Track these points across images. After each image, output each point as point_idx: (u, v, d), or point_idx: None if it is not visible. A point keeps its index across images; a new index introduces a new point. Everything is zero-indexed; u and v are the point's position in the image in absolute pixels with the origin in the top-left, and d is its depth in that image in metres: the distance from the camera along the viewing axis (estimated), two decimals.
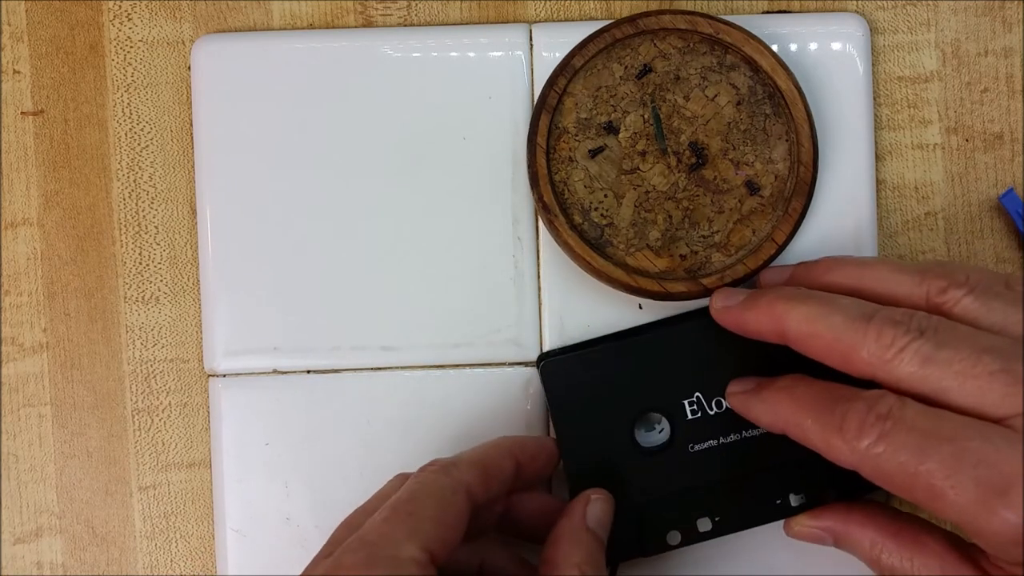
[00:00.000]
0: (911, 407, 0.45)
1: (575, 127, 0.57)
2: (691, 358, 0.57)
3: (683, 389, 0.57)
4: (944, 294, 0.48)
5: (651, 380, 0.57)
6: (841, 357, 0.48)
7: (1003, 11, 0.61)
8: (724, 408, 0.56)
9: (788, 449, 0.53)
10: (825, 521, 0.55)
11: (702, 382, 0.56)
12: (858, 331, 0.47)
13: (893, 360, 0.46)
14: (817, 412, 0.49)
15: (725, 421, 0.56)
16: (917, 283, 0.49)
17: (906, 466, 0.44)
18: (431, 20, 0.61)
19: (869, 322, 0.47)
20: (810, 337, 0.49)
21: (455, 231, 0.60)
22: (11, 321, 0.61)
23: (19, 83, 0.61)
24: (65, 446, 0.62)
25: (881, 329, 0.47)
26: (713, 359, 0.57)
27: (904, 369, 0.46)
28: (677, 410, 0.57)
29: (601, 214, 0.57)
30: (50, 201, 0.61)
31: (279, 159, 0.60)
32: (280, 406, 0.60)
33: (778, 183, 0.57)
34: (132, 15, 0.61)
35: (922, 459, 0.44)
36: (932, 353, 0.45)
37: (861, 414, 0.46)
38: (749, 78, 0.57)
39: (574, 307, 0.60)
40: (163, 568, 0.62)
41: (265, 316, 0.60)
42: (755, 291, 0.53)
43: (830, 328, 0.48)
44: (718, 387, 0.56)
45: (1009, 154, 0.61)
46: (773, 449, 0.56)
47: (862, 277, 0.51)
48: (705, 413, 0.56)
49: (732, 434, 0.56)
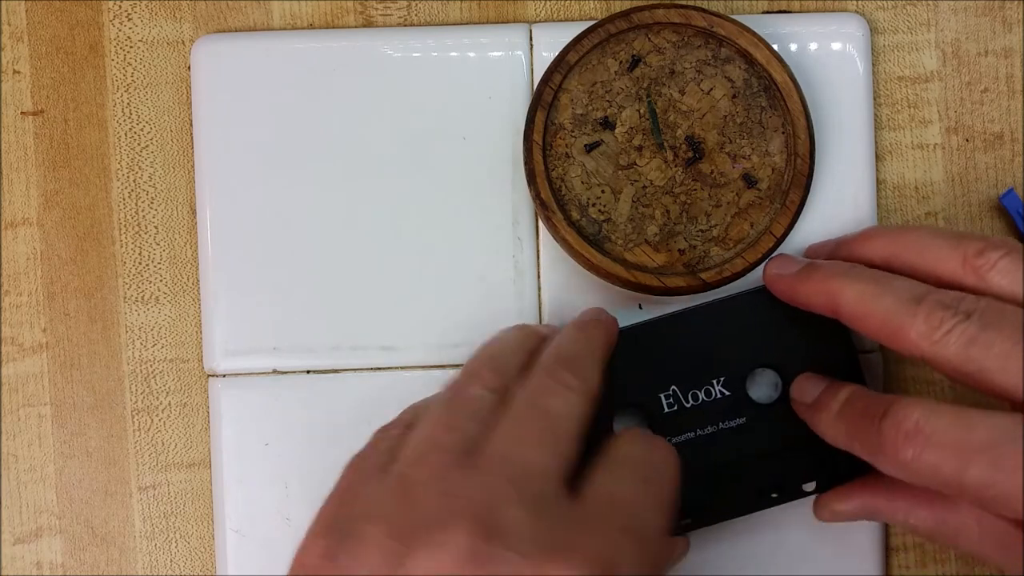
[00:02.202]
0: (940, 417, 0.46)
1: (571, 123, 0.57)
2: (665, 352, 0.56)
3: (659, 383, 0.56)
4: (981, 256, 0.49)
5: (626, 375, 0.56)
6: (891, 336, 0.49)
7: (1003, 11, 0.61)
8: (700, 401, 0.56)
9: (767, 439, 0.56)
10: (854, 501, 0.56)
11: (678, 375, 0.56)
12: (908, 312, 0.48)
13: (940, 341, 0.47)
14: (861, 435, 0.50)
15: (702, 413, 0.56)
16: (954, 246, 0.50)
17: (948, 480, 0.45)
18: (431, 20, 0.62)
19: (919, 304, 0.48)
20: (863, 316, 0.50)
21: (455, 231, 0.60)
22: (11, 321, 0.62)
23: (19, 83, 0.62)
24: (65, 446, 0.62)
25: (930, 312, 0.47)
26: (687, 353, 0.57)
27: (950, 350, 0.47)
28: (654, 404, 0.56)
29: (599, 210, 0.57)
30: (50, 201, 0.62)
31: (279, 159, 0.60)
32: (280, 406, 0.60)
33: (775, 176, 0.57)
34: (132, 15, 0.62)
35: (961, 473, 0.45)
36: (976, 334, 0.46)
37: (892, 430, 0.47)
38: (744, 71, 0.57)
39: (574, 307, 0.60)
40: (163, 568, 0.61)
41: (265, 316, 0.60)
42: (811, 263, 0.54)
43: (882, 308, 0.49)
44: (693, 380, 0.56)
45: (1009, 154, 0.61)
46: (751, 439, 0.56)
47: (902, 244, 0.52)
48: (682, 406, 0.56)
49: (709, 426, 0.56)
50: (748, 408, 0.56)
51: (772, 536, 0.59)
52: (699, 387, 0.56)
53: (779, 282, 0.55)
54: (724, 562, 0.60)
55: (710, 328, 0.56)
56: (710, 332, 0.56)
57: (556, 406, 0.48)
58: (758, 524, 0.59)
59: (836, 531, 0.59)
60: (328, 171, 0.60)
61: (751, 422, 0.56)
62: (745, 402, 0.56)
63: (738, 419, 0.56)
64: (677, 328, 0.57)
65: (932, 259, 0.50)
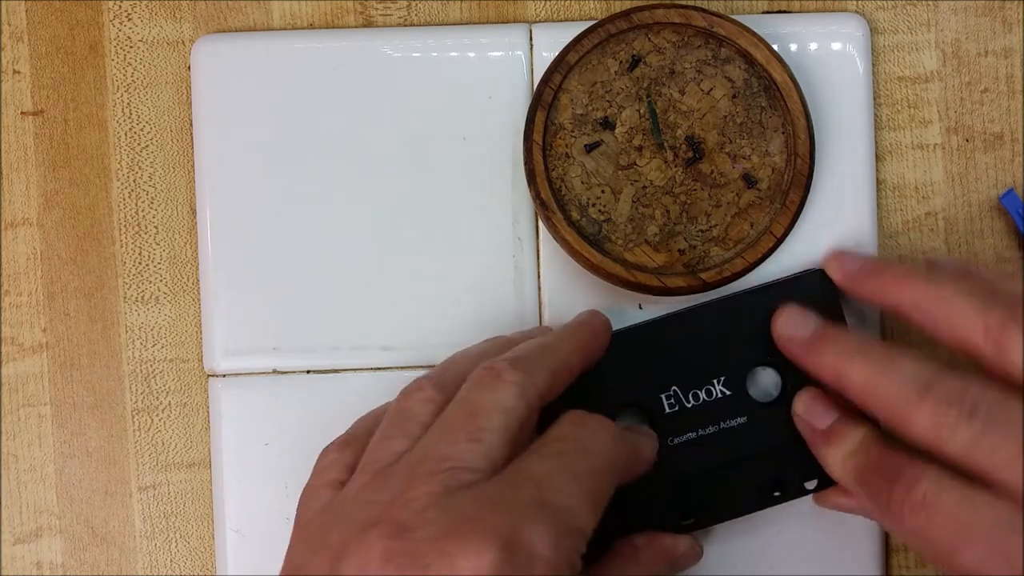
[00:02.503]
0: (948, 493, 0.47)
1: (571, 123, 0.57)
2: (665, 352, 0.57)
3: (660, 383, 0.56)
4: (1004, 331, 0.48)
5: (627, 376, 0.56)
6: (896, 424, 0.49)
7: (1003, 11, 0.61)
8: (701, 400, 0.56)
9: (768, 437, 0.56)
10: (854, 501, 0.56)
11: (678, 375, 0.56)
12: (913, 404, 0.48)
13: (945, 439, 0.47)
14: (869, 489, 0.51)
15: (703, 413, 0.56)
16: (980, 312, 0.49)
17: (941, 554, 0.47)
18: (431, 20, 0.62)
19: (924, 396, 0.48)
20: (869, 400, 0.51)
21: (455, 231, 0.60)
22: (11, 321, 0.62)
23: (19, 83, 0.62)
24: (65, 446, 0.62)
25: (935, 406, 0.47)
26: (687, 353, 0.57)
27: (953, 448, 0.47)
28: (655, 404, 0.56)
29: (599, 210, 0.57)
30: (50, 201, 0.62)
31: (279, 159, 0.60)
32: (280, 406, 0.60)
33: (775, 176, 0.57)
34: (132, 15, 0.62)
35: (957, 550, 0.46)
36: (980, 437, 0.46)
37: (900, 497, 0.48)
38: (744, 71, 0.57)
39: (574, 307, 0.59)
40: (163, 568, 0.61)
41: (265, 316, 0.60)
42: (821, 330, 0.54)
43: (888, 395, 0.49)
44: (694, 379, 0.56)
45: (1009, 154, 0.61)
46: (753, 438, 0.57)
47: (931, 297, 0.51)
48: (683, 406, 0.56)
49: (711, 426, 0.56)
50: (749, 407, 0.56)
51: (773, 536, 0.59)
52: (700, 387, 0.56)
53: (790, 348, 0.55)
54: (725, 562, 0.60)
55: (710, 328, 0.57)
56: (710, 332, 0.56)
57: (482, 398, 0.48)
58: (759, 523, 0.59)
59: (836, 531, 0.59)
60: (328, 171, 0.60)
61: (752, 421, 0.56)
62: (746, 401, 0.56)
63: (739, 418, 0.56)
64: (677, 328, 0.57)
65: (956, 321, 0.50)
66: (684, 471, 0.57)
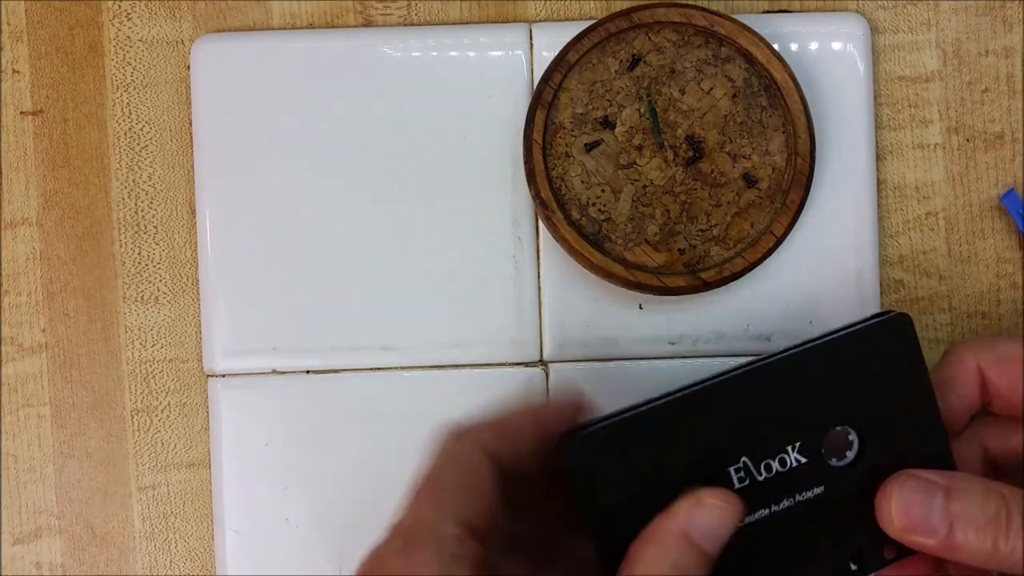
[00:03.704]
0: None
1: (571, 122, 0.57)
2: (732, 418, 0.49)
3: (727, 455, 0.49)
4: None
5: (689, 449, 0.49)
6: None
7: (1003, 11, 0.61)
8: (774, 472, 0.49)
9: (847, 506, 0.50)
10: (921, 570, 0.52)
11: (747, 444, 0.49)
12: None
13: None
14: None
15: (776, 486, 0.49)
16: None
17: None
18: (431, 20, 0.62)
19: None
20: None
21: (455, 231, 0.60)
22: (10, 321, 0.62)
23: (19, 83, 0.62)
24: (64, 446, 0.62)
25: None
26: (757, 416, 0.49)
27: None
28: (723, 480, 0.49)
29: (599, 209, 0.57)
30: (49, 201, 0.62)
31: (278, 159, 0.60)
32: (280, 406, 0.60)
33: (776, 175, 0.57)
34: (132, 15, 0.62)
35: None
36: None
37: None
38: (745, 70, 0.57)
39: (574, 307, 0.60)
40: (162, 568, 0.61)
41: (265, 316, 0.60)
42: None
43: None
44: (767, 448, 0.49)
45: (1010, 154, 0.61)
46: (831, 510, 0.50)
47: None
48: (754, 480, 0.49)
49: (785, 499, 0.49)
50: (827, 474, 0.50)
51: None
52: (773, 456, 0.49)
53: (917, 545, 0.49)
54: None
55: (781, 388, 0.49)
56: (782, 392, 0.49)
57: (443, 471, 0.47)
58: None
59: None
60: (328, 171, 0.60)
61: (829, 490, 0.50)
62: (823, 467, 0.49)
63: (816, 488, 0.49)
64: (744, 390, 0.49)
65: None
66: (760, 552, 0.50)
